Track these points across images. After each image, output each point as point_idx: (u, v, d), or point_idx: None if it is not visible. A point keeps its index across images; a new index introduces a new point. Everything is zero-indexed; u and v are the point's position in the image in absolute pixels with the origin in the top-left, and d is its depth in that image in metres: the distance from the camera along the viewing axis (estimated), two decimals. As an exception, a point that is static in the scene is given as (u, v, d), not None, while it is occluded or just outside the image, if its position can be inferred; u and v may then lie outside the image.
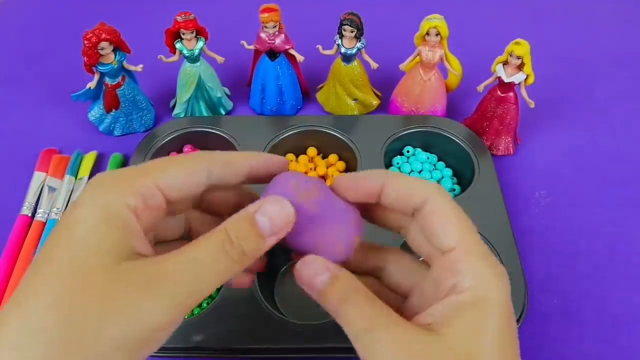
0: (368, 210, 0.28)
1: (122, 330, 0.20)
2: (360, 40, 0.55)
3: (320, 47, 0.57)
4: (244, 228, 0.23)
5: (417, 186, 0.25)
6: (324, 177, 0.55)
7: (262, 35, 0.56)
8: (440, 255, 0.24)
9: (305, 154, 0.57)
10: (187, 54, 0.55)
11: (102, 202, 0.22)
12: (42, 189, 0.53)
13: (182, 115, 0.59)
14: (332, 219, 0.26)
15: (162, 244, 0.28)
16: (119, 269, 0.21)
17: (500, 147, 0.57)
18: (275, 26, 0.54)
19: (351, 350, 0.24)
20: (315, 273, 0.24)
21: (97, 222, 0.21)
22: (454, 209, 0.25)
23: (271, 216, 0.24)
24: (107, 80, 0.55)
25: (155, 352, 0.42)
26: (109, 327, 0.20)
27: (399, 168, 0.55)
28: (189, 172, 0.24)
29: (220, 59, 0.58)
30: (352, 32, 0.53)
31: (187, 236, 0.29)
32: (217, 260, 0.22)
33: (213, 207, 0.29)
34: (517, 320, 0.41)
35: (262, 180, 0.27)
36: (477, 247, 0.24)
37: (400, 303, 0.27)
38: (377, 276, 0.29)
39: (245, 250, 0.23)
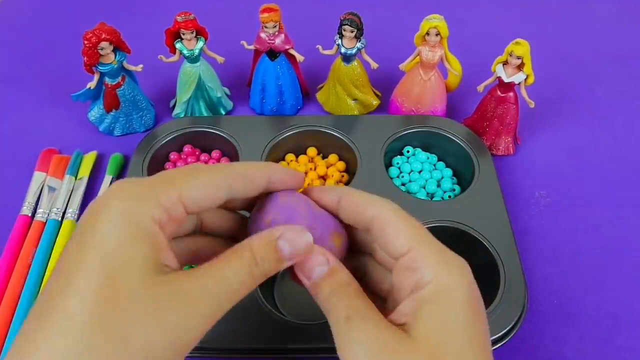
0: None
1: (158, 341, 0.21)
2: (360, 40, 0.55)
3: (320, 47, 0.57)
4: (269, 252, 0.25)
5: (367, 202, 0.27)
6: (323, 177, 0.55)
7: (262, 35, 0.56)
8: (398, 260, 0.26)
9: (305, 154, 0.57)
10: (187, 54, 0.55)
11: (130, 214, 0.22)
12: (42, 189, 0.53)
13: (182, 115, 0.60)
14: (322, 231, 0.28)
15: (175, 239, 0.28)
16: (155, 282, 0.21)
17: (500, 147, 0.57)
18: (275, 26, 0.54)
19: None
20: (316, 264, 0.26)
21: (127, 236, 0.21)
22: (404, 218, 0.26)
23: (292, 244, 0.25)
24: (107, 80, 0.55)
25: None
26: (146, 338, 0.20)
27: (399, 168, 0.55)
28: (211, 187, 0.25)
29: (220, 59, 0.58)
30: (352, 32, 0.53)
31: (200, 230, 0.30)
32: (245, 280, 0.24)
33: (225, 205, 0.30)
34: (517, 320, 0.42)
35: (276, 190, 0.28)
36: (431, 245, 0.25)
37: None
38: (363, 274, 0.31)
39: (267, 272, 0.25)
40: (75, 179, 0.54)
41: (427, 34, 0.53)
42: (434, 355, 0.22)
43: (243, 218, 0.30)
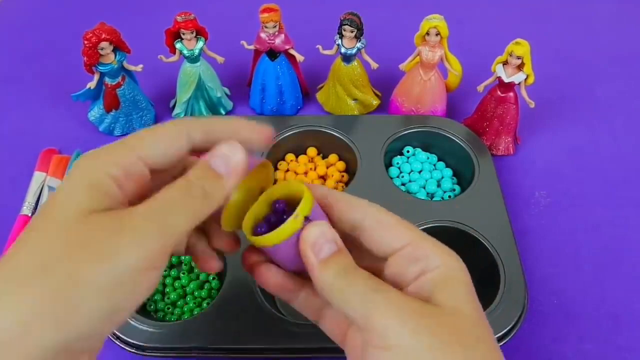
0: None
1: (99, 273, 0.21)
2: (360, 40, 0.55)
3: (320, 47, 0.57)
4: (201, 170, 0.25)
5: (357, 203, 0.28)
6: (323, 177, 0.55)
7: (262, 35, 0.56)
8: (397, 253, 0.26)
9: (305, 154, 0.57)
10: (187, 54, 0.55)
11: (86, 171, 0.23)
12: (42, 188, 0.53)
13: (182, 115, 0.59)
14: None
15: None
16: (92, 218, 0.22)
17: (500, 147, 0.57)
18: (275, 26, 0.54)
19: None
20: (326, 240, 0.25)
21: (76, 184, 0.23)
22: (392, 216, 0.27)
23: (223, 155, 0.25)
24: (107, 80, 0.55)
25: (155, 352, 0.42)
26: (86, 271, 0.21)
27: (399, 168, 0.55)
28: (166, 138, 0.25)
29: (220, 59, 0.58)
30: (352, 32, 0.53)
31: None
32: (181, 199, 0.24)
33: None
34: (517, 320, 0.42)
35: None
36: (429, 239, 0.27)
37: None
38: None
39: (207, 189, 0.25)
40: (75, 179, 0.54)
41: (427, 34, 0.53)
42: (455, 316, 0.24)
43: None
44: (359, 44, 0.55)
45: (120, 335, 0.41)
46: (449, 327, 0.23)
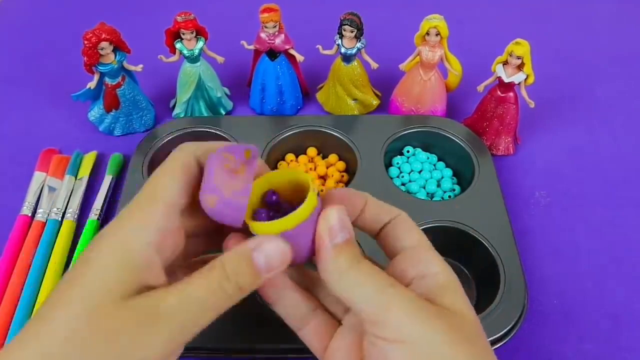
0: None
1: None
2: (360, 40, 0.55)
3: (320, 47, 0.57)
4: (241, 266, 0.24)
5: (388, 208, 0.29)
6: (323, 177, 0.55)
7: (262, 35, 0.56)
8: (404, 250, 0.28)
9: (305, 154, 0.57)
10: (187, 54, 0.55)
11: (120, 239, 0.23)
12: (42, 189, 0.53)
13: (182, 115, 0.60)
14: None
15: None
16: (123, 305, 0.22)
17: (500, 147, 0.57)
18: (275, 26, 0.54)
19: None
20: (342, 226, 0.26)
21: (110, 261, 0.23)
22: (414, 223, 0.29)
23: (268, 254, 0.25)
24: (107, 80, 0.55)
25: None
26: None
27: (399, 168, 0.55)
28: (181, 172, 0.26)
29: (220, 59, 0.58)
30: (352, 32, 0.53)
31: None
32: (213, 297, 0.24)
33: None
34: (517, 320, 0.42)
35: None
36: (431, 246, 0.28)
37: None
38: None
39: (242, 286, 0.25)
40: (75, 179, 0.54)
41: (427, 34, 0.53)
42: (461, 318, 0.25)
43: None
44: (359, 44, 0.55)
45: (120, 335, 0.41)
46: (458, 326, 0.24)
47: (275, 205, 0.27)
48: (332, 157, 0.56)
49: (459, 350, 0.23)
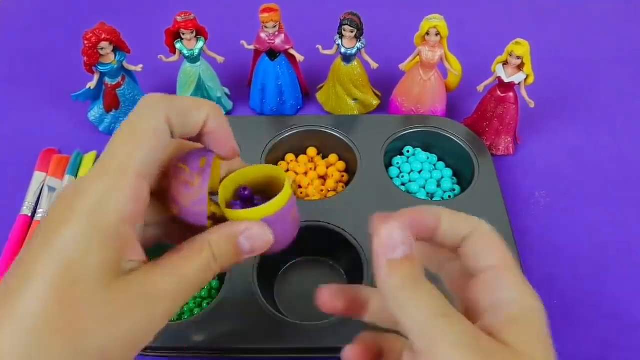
0: None
1: (113, 343, 0.21)
2: (360, 40, 0.55)
3: (320, 47, 0.57)
4: (227, 248, 0.25)
5: (465, 219, 0.26)
6: (323, 177, 0.55)
7: (262, 35, 0.56)
8: (482, 272, 0.25)
9: (305, 154, 0.57)
10: (187, 54, 0.55)
11: (97, 218, 0.22)
12: (42, 189, 0.53)
13: (182, 115, 0.59)
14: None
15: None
16: (113, 284, 0.22)
17: (500, 147, 0.57)
18: (275, 26, 0.54)
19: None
20: (400, 240, 0.23)
21: (91, 242, 0.22)
22: (497, 235, 0.26)
23: (254, 241, 0.25)
24: (107, 80, 0.55)
25: (155, 352, 0.42)
26: (102, 341, 0.21)
27: (399, 168, 0.55)
28: (151, 141, 0.24)
29: (220, 59, 0.58)
30: (352, 32, 0.53)
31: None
32: (202, 277, 0.24)
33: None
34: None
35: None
36: (516, 268, 0.25)
37: None
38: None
39: (224, 266, 0.25)
40: (75, 179, 0.54)
41: (427, 34, 0.53)
42: (520, 357, 0.22)
43: None
44: (359, 44, 0.55)
45: (120, 335, 0.41)
46: None
47: (248, 199, 0.28)
48: (332, 157, 0.56)
49: None
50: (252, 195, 0.28)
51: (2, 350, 0.20)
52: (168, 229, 0.28)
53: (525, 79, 0.52)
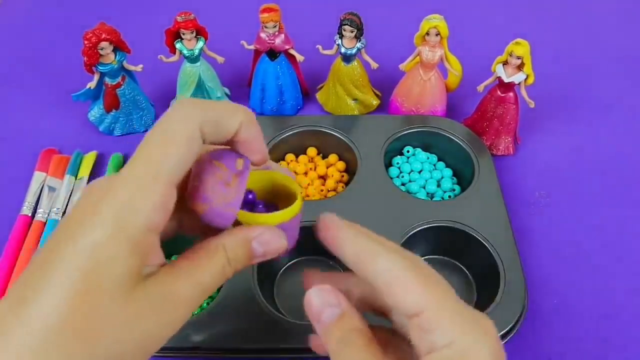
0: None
1: (130, 348, 0.22)
2: (360, 40, 0.55)
3: (320, 47, 0.57)
4: (241, 253, 0.25)
5: (375, 252, 0.25)
6: (323, 177, 0.55)
7: (262, 35, 0.56)
8: (411, 319, 0.23)
9: (305, 154, 0.57)
10: (187, 54, 0.55)
11: (123, 224, 0.21)
12: (42, 188, 0.53)
13: (182, 115, 0.59)
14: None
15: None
16: (132, 291, 0.22)
17: (500, 147, 0.57)
18: (275, 26, 0.54)
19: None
20: (326, 304, 0.25)
21: (115, 249, 0.21)
22: (416, 274, 0.23)
23: (267, 246, 0.26)
24: (107, 80, 0.55)
25: (155, 352, 0.42)
26: (118, 345, 0.21)
27: (399, 168, 0.55)
28: (183, 149, 0.23)
29: (220, 59, 0.58)
30: (352, 32, 0.53)
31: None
32: (217, 280, 0.25)
33: None
34: (517, 320, 0.42)
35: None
36: (447, 305, 0.23)
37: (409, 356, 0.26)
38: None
39: (237, 270, 0.25)
40: (75, 179, 0.54)
41: (427, 34, 0.53)
42: None
43: None
44: (359, 44, 0.55)
45: (120, 335, 0.41)
46: None
47: (251, 203, 0.27)
48: (332, 157, 0.56)
49: None
50: (256, 200, 0.27)
51: (21, 353, 0.20)
52: (183, 221, 0.28)
53: (525, 79, 0.52)
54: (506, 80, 0.52)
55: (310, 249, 0.48)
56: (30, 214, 0.51)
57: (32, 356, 0.20)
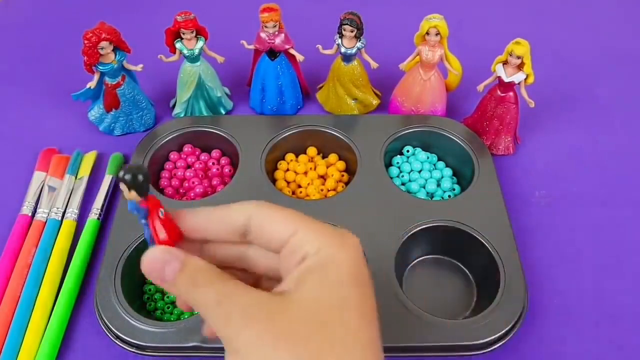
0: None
1: None
2: (360, 40, 0.55)
3: (320, 46, 0.57)
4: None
5: (235, 208, 0.26)
6: (323, 177, 0.55)
7: (262, 35, 0.56)
8: (282, 250, 0.25)
9: (305, 154, 0.57)
10: (187, 54, 0.55)
11: None
12: (42, 188, 0.53)
13: (182, 115, 0.59)
14: None
15: None
16: None
17: (500, 147, 0.57)
18: (275, 26, 0.54)
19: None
20: (164, 262, 0.25)
21: None
22: (277, 210, 0.26)
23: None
24: (107, 79, 0.55)
25: (155, 352, 0.42)
26: None
27: (399, 168, 0.55)
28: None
29: (220, 58, 0.57)
30: (352, 31, 0.53)
31: None
32: None
33: None
34: (517, 320, 0.42)
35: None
36: (314, 224, 0.25)
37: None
38: (244, 267, 0.29)
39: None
40: (75, 178, 0.54)
41: (427, 33, 0.53)
42: (307, 310, 0.23)
43: None
44: (359, 44, 0.55)
45: (121, 335, 0.41)
46: (285, 323, 0.22)
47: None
48: (332, 157, 0.56)
49: (278, 356, 0.22)
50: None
51: None
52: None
53: (525, 79, 0.52)
54: (506, 79, 0.52)
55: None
56: (30, 214, 0.51)
57: None
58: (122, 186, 0.24)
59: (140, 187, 0.24)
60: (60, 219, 0.51)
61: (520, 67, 0.52)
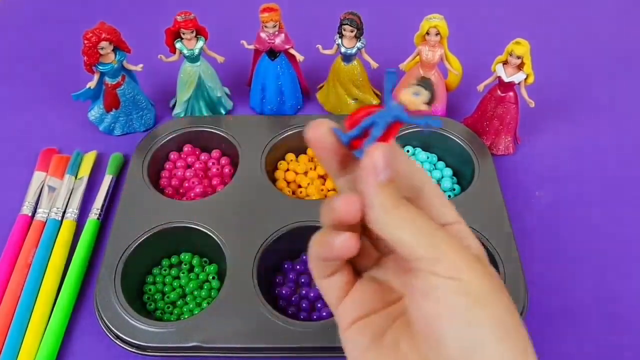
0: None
1: None
2: (360, 40, 0.55)
3: (320, 46, 0.57)
4: None
5: (417, 171, 0.28)
6: (323, 177, 0.55)
7: (262, 35, 0.56)
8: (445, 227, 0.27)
9: (305, 153, 0.57)
10: (187, 54, 0.55)
11: None
12: (42, 188, 0.53)
13: (182, 115, 0.59)
14: None
15: None
16: None
17: (500, 147, 0.57)
18: (275, 26, 0.54)
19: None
20: (386, 165, 0.25)
21: None
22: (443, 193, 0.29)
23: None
24: (107, 79, 0.55)
25: (155, 352, 0.42)
26: None
27: (399, 168, 0.55)
28: None
29: (220, 58, 0.57)
30: (352, 31, 0.53)
31: None
32: None
33: None
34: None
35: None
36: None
37: None
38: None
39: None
40: (75, 178, 0.54)
41: (427, 33, 0.53)
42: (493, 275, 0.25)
43: None
44: (359, 44, 0.55)
45: (121, 335, 0.41)
46: (495, 278, 0.25)
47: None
48: (332, 157, 0.56)
49: (502, 299, 0.25)
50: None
51: None
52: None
53: (525, 79, 0.52)
54: (506, 79, 0.52)
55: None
56: (30, 214, 0.51)
57: None
58: (416, 89, 0.25)
59: (432, 98, 0.25)
60: (60, 219, 0.51)
61: (520, 67, 0.52)
